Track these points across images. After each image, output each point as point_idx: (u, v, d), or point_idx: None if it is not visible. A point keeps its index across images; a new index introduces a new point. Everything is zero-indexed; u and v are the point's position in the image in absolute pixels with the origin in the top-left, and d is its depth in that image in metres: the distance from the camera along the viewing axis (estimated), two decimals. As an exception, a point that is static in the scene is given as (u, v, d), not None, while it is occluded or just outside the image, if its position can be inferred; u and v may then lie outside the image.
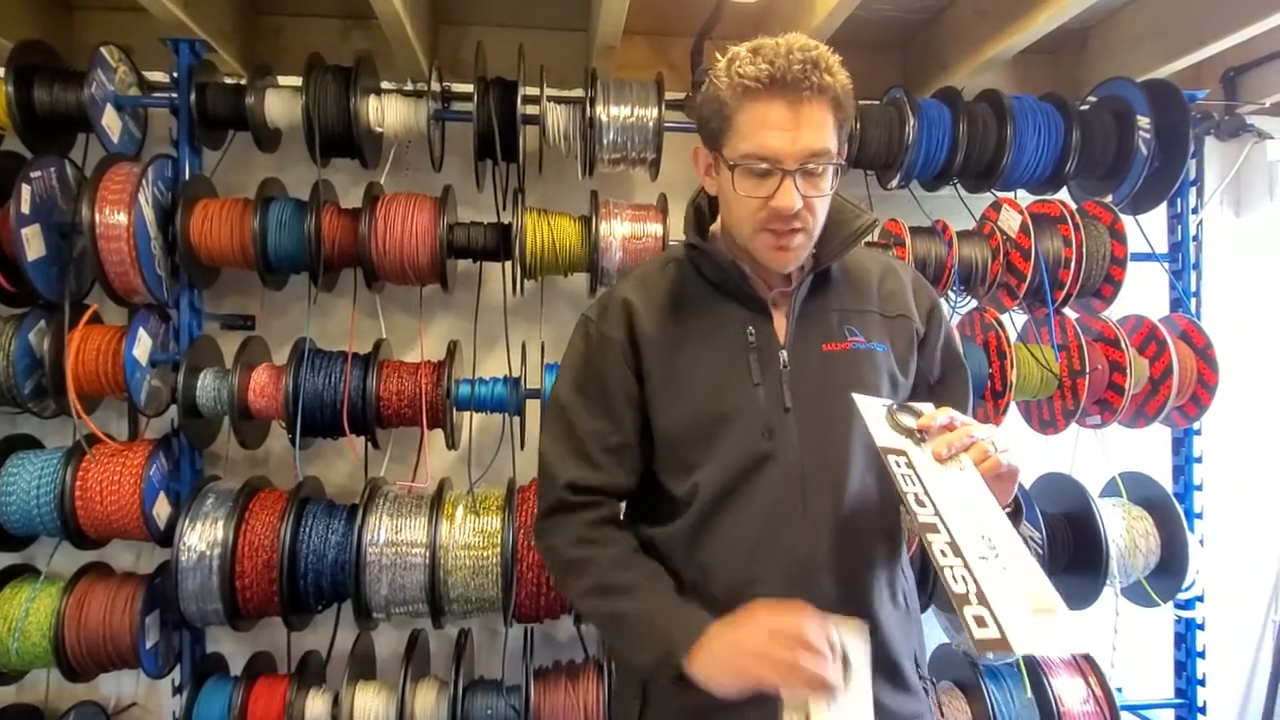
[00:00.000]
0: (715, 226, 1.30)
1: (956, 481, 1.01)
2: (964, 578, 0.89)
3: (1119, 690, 2.24)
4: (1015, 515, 1.14)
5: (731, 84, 1.11)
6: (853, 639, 1.05)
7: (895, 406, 1.09)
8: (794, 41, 1.09)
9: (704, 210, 1.32)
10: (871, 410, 1.08)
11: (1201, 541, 2.36)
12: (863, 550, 1.20)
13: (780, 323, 1.23)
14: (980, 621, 0.85)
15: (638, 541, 1.25)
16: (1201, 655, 2.38)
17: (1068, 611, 0.89)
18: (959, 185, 2.30)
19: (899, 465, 1.01)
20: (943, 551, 0.92)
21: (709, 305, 1.24)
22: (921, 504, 0.97)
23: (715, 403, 1.19)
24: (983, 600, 0.86)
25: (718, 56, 1.17)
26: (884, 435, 1.05)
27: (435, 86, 2.08)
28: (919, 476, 1.00)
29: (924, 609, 2.13)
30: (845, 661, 1.02)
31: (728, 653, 1.05)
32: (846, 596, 1.17)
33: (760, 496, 1.17)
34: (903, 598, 1.25)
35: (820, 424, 1.19)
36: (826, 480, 1.18)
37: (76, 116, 1.99)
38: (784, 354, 1.20)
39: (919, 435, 1.06)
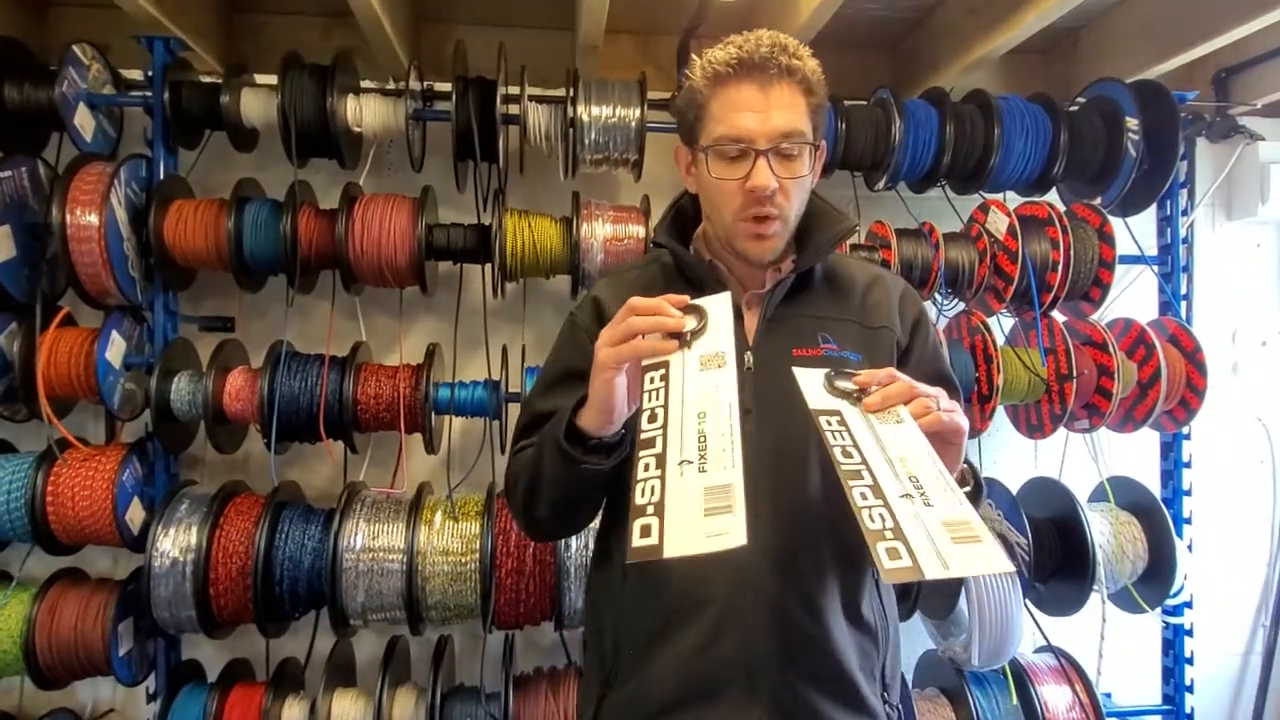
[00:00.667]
0: (700, 229, 1.29)
1: (890, 433, 0.98)
2: (881, 515, 0.86)
3: (1106, 696, 2.23)
4: (973, 495, 1.13)
5: (704, 74, 1.15)
6: (709, 300, 1.06)
7: (833, 373, 1.06)
8: (764, 32, 1.13)
9: (686, 211, 1.31)
10: (809, 380, 1.06)
11: (1190, 547, 2.34)
12: (815, 561, 1.17)
13: (751, 323, 1.21)
14: (893, 553, 0.82)
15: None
16: (1189, 661, 2.36)
17: (996, 544, 0.85)
18: (946, 187, 2.27)
19: (829, 424, 0.99)
20: (863, 494, 0.89)
21: None
22: (848, 455, 0.94)
23: None
24: (899, 534, 0.83)
25: (694, 58, 1.18)
26: (819, 399, 1.03)
27: (415, 85, 2.05)
28: (850, 431, 0.98)
29: (908, 616, 2.11)
30: (701, 317, 1.03)
31: (593, 384, 1.07)
32: (794, 605, 1.15)
33: None
34: (871, 616, 1.20)
35: (779, 429, 1.16)
36: (780, 485, 1.16)
37: (49, 115, 1.96)
38: (749, 355, 1.18)
39: (855, 395, 1.03)
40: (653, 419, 0.94)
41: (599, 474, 1.11)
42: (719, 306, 1.04)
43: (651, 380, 0.99)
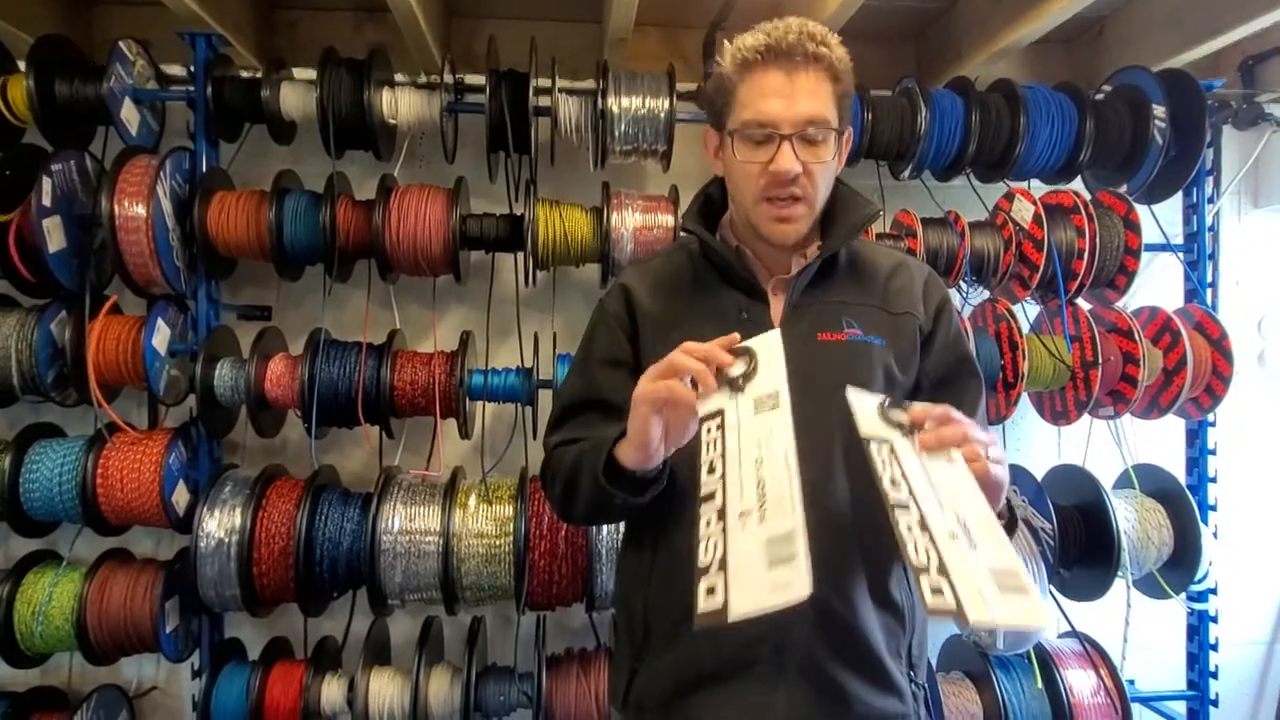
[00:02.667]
0: (727, 216, 1.32)
1: (941, 470, 0.98)
2: (927, 550, 0.85)
3: (1131, 682, 2.24)
4: (1008, 527, 1.13)
5: (733, 60, 1.17)
6: (758, 340, 1.06)
7: (889, 402, 1.07)
8: (793, 20, 1.16)
9: (714, 199, 1.34)
10: (864, 404, 1.06)
11: (1215, 534, 2.35)
12: (843, 542, 1.19)
13: (777, 309, 1.24)
14: (936, 590, 0.80)
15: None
16: (1214, 648, 2.37)
17: (1041, 597, 0.85)
18: (971, 176, 2.29)
19: (879, 451, 0.99)
20: (909, 528, 0.88)
21: (709, 289, 1.27)
22: (895, 484, 0.94)
23: None
24: (943, 572, 0.82)
25: (725, 44, 1.21)
26: (871, 426, 1.03)
27: (448, 79, 2.10)
28: (899, 461, 0.97)
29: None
30: (751, 359, 1.03)
31: (630, 419, 1.08)
32: (824, 585, 1.14)
33: None
34: (899, 596, 1.23)
35: (806, 412, 1.15)
36: (807, 470, 1.15)
37: (96, 110, 2.02)
38: None
39: (909, 428, 1.03)
40: (711, 470, 0.94)
41: (635, 505, 1.14)
42: (770, 345, 1.04)
43: (708, 430, 0.99)
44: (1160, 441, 2.44)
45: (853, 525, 1.20)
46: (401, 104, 2.10)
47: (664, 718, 1.23)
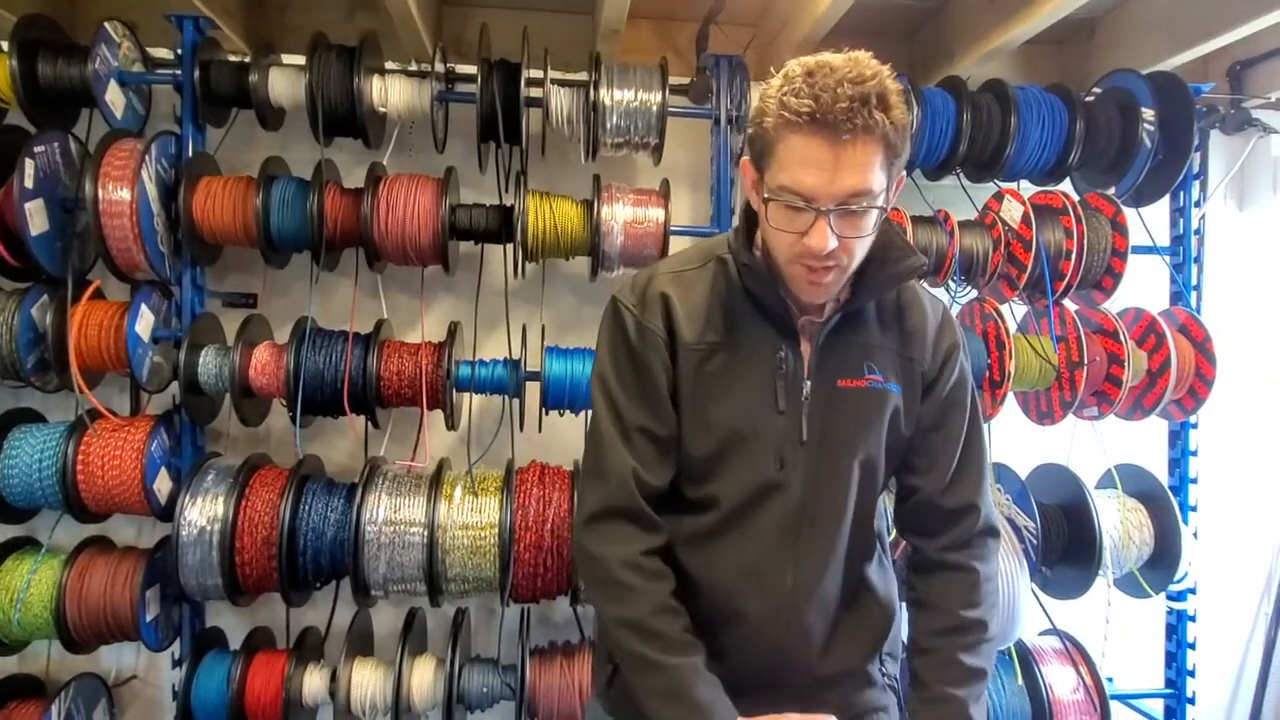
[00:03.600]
0: (760, 236, 1.24)
1: None
2: None
3: (1109, 680, 2.26)
4: None
5: (776, 112, 1.04)
6: None
7: None
8: (849, 72, 1.01)
9: (753, 217, 1.25)
10: None
11: (1195, 534, 2.37)
12: (844, 578, 1.25)
13: (807, 351, 1.21)
14: None
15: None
16: (1192, 646, 2.40)
17: None
18: (961, 175, 2.29)
19: None
20: None
21: (744, 319, 1.21)
22: None
23: (737, 423, 1.19)
24: None
25: (772, 70, 1.09)
26: None
27: (439, 67, 2.08)
28: None
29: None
30: None
31: None
32: (823, 621, 1.24)
33: (764, 525, 1.20)
34: (884, 602, 1.30)
35: (827, 460, 1.20)
36: (824, 517, 1.21)
37: (80, 91, 1.99)
38: (807, 384, 1.19)
39: None
40: None
41: None
42: None
43: None
44: (1143, 442, 2.46)
45: (849, 561, 1.25)
46: (392, 92, 2.08)
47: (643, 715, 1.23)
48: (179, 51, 2.05)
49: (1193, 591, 2.38)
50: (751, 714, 1.17)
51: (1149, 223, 2.34)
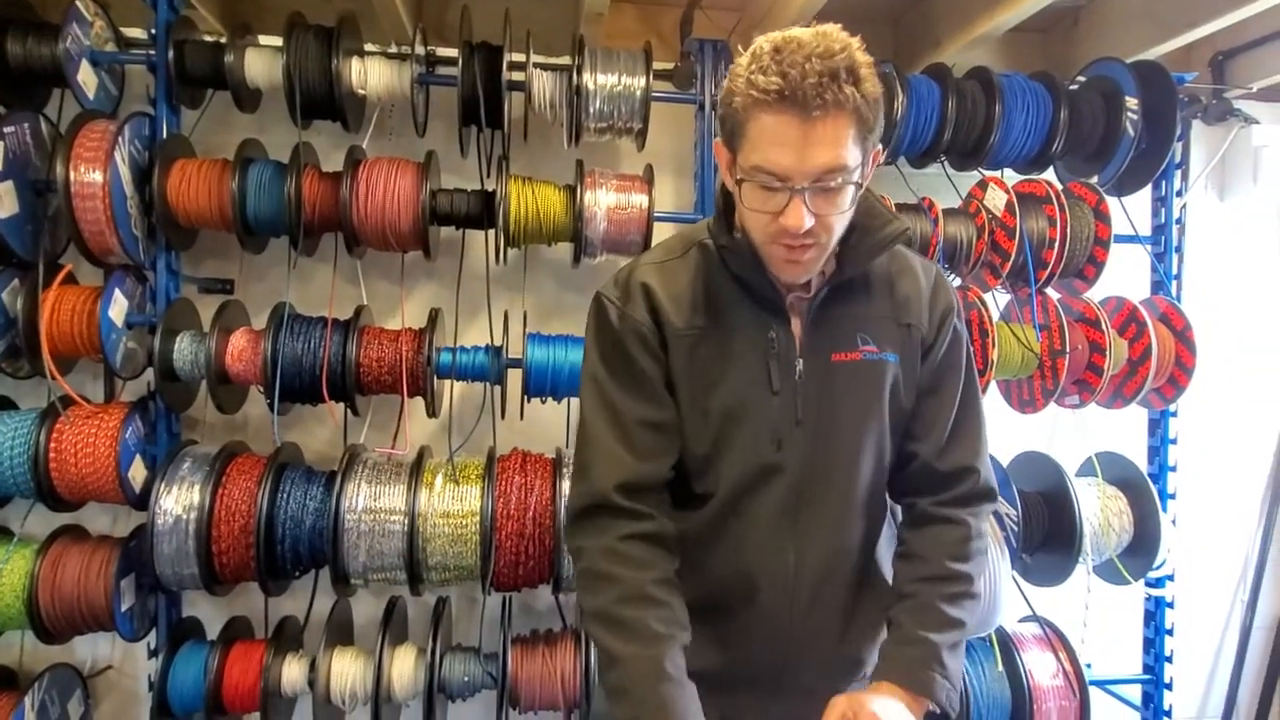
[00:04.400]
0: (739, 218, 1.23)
1: None
2: None
3: (1088, 666, 2.28)
4: None
5: (745, 91, 1.02)
6: None
7: None
8: (817, 46, 0.99)
9: (733, 197, 1.22)
10: None
11: (1174, 521, 2.39)
12: (849, 565, 1.24)
13: (797, 328, 1.19)
14: None
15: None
16: (1170, 633, 2.42)
17: None
18: (946, 163, 2.29)
19: None
20: None
21: (731, 302, 1.19)
22: None
23: (732, 407, 1.17)
24: None
25: (740, 49, 1.07)
26: None
27: (419, 50, 2.05)
28: None
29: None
30: None
31: None
32: (829, 610, 1.23)
33: (763, 508, 1.19)
34: (885, 590, 1.28)
35: (825, 438, 1.18)
36: (824, 497, 1.20)
37: (51, 71, 1.95)
38: (800, 362, 1.18)
39: None
40: None
41: None
42: None
43: None
44: (1123, 431, 2.47)
45: (859, 548, 1.24)
46: (371, 74, 2.05)
47: None
48: (153, 31, 2.01)
49: (1171, 578, 2.41)
50: (765, 706, 1.18)
51: (1131, 212, 2.35)
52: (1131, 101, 2.19)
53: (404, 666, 2.00)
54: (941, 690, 1.14)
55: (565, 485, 1.97)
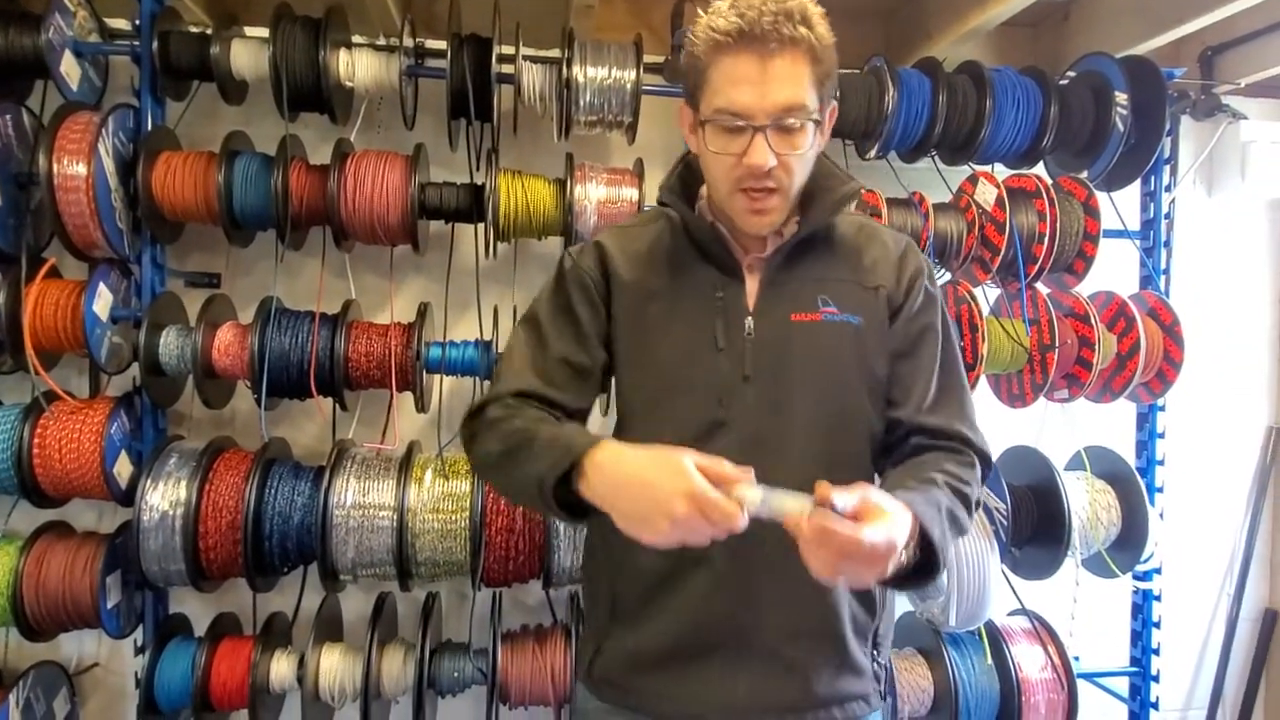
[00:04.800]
0: (704, 188, 1.28)
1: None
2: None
3: (1076, 659, 2.29)
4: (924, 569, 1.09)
5: (705, 39, 1.09)
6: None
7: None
8: None
9: (693, 169, 1.28)
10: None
11: (1161, 515, 2.41)
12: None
13: (752, 288, 1.21)
14: None
15: None
16: (1157, 625, 2.43)
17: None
18: (937, 157, 2.29)
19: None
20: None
21: (686, 264, 1.23)
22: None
23: (675, 363, 1.19)
24: None
25: (700, 13, 1.14)
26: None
27: (408, 42, 2.03)
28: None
29: (889, 577, 2.16)
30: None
31: (633, 483, 1.00)
32: (792, 567, 1.14)
33: None
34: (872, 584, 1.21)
35: (779, 394, 1.17)
36: (779, 452, 1.16)
37: (33, 62, 1.91)
38: (749, 320, 1.19)
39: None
40: None
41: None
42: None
43: None
44: (1110, 425, 2.48)
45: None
46: (359, 66, 2.03)
47: (626, 693, 1.23)
48: (137, 22, 1.98)
49: (1158, 571, 2.42)
50: (733, 673, 1.15)
51: (1120, 207, 2.36)
52: (1121, 97, 2.19)
53: (393, 663, 1.99)
54: (935, 526, 1.04)
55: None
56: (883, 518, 0.96)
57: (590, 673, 1.27)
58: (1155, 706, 2.43)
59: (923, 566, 1.07)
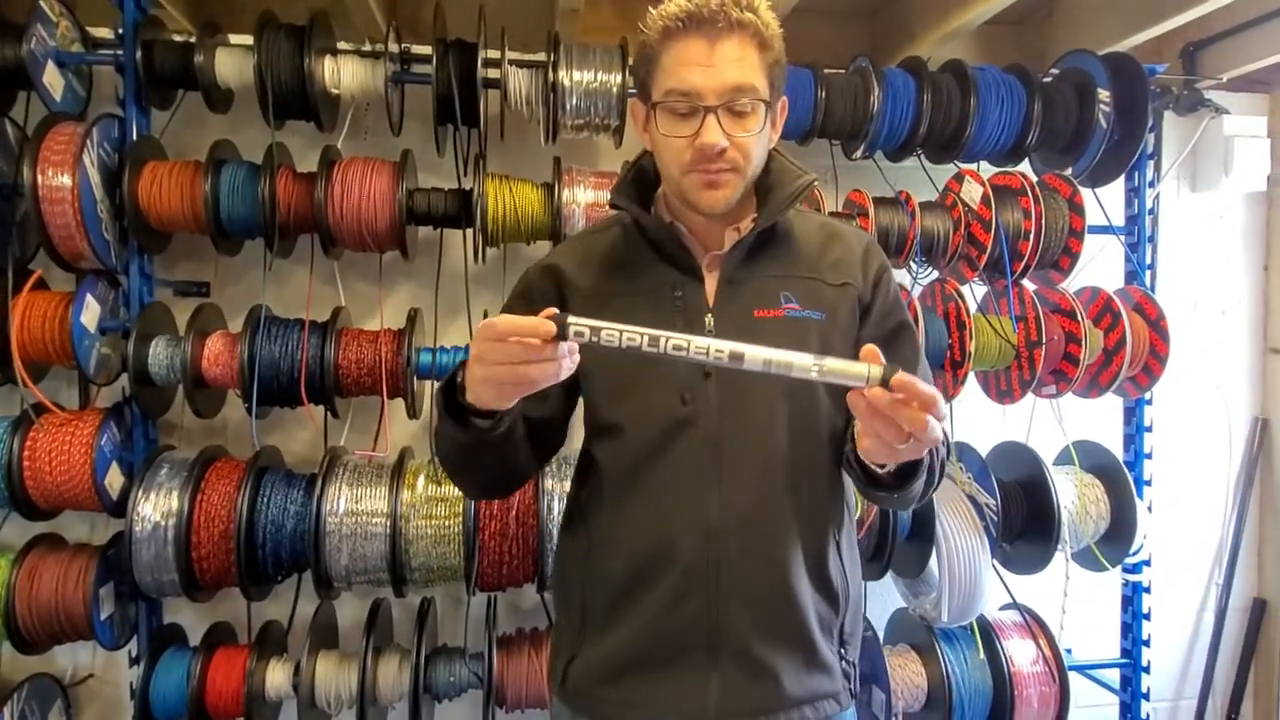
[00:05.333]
0: (661, 190, 1.27)
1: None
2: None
3: (1068, 651, 2.31)
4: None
5: (655, 28, 1.12)
6: None
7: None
8: None
9: (647, 172, 1.28)
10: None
11: (1150, 508, 2.43)
12: (782, 523, 1.18)
13: (711, 286, 1.21)
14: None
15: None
16: (1147, 617, 2.46)
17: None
18: (922, 156, 2.30)
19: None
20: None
21: (643, 266, 1.23)
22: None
23: (637, 366, 1.14)
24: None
25: (649, 10, 1.15)
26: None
27: (393, 48, 2.03)
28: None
29: (880, 576, 2.18)
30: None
31: (471, 358, 1.01)
32: (759, 567, 1.17)
33: (677, 462, 1.16)
34: (834, 576, 1.22)
35: (742, 392, 1.17)
36: (744, 449, 1.17)
37: (16, 73, 1.91)
38: (709, 318, 1.18)
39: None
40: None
41: (480, 440, 1.07)
42: None
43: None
44: (1098, 419, 2.50)
45: (794, 509, 1.19)
46: (344, 73, 2.03)
47: (598, 701, 1.22)
48: (120, 31, 1.98)
49: (1147, 564, 2.44)
50: (704, 676, 1.15)
51: (1105, 203, 2.37)
52: (1104, 93, 2.21)
53: (389, 669, 2.00)
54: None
55: (548, 483, 1.97)
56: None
57: (564, 685, 1.26)
58: (1146, 697, 2.46)
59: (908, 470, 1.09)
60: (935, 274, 2.31)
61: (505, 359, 0.95)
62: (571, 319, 0.95)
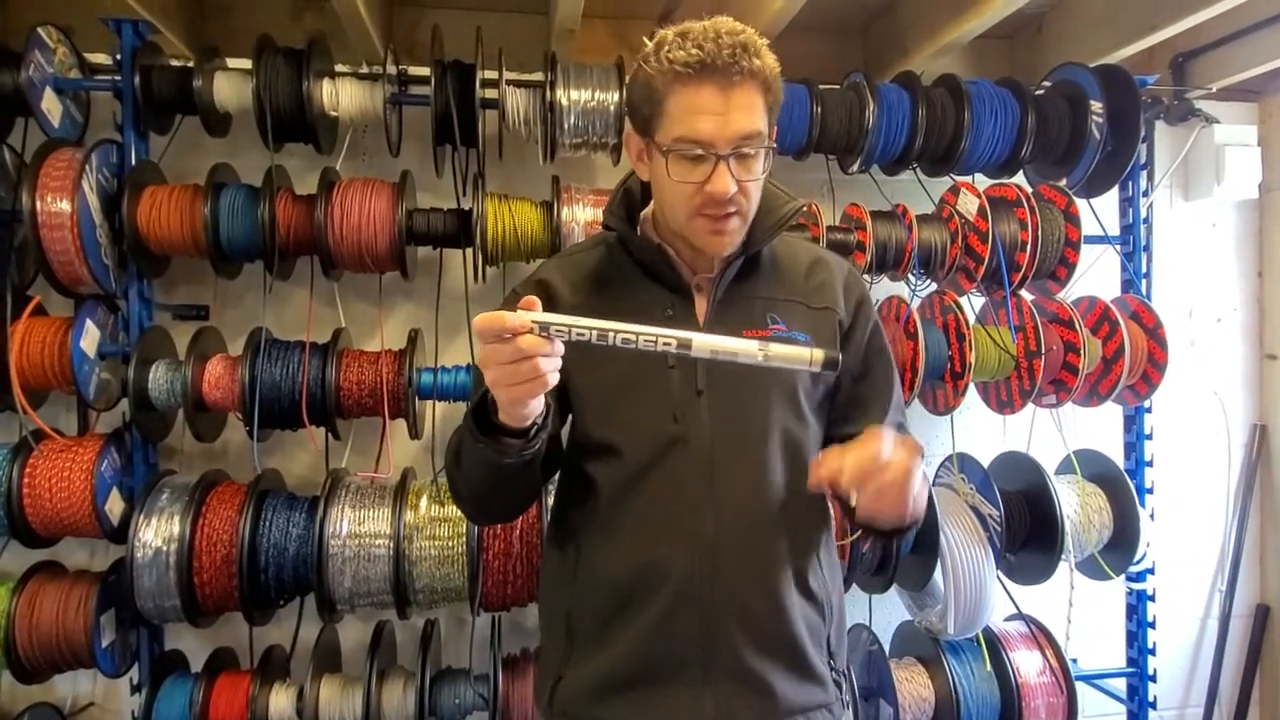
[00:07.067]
0: (647, 211, 1.29)
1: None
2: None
3: (1074, 661, 2.31)
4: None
5: (662, 69, 1.10)
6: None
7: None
8: (722, 25, 1.10)
9: (634, 193, 1.30)
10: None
11: (1152, 516, 2.43)
12: (772, 538, 1.20)
13: (701, 306, 1.23)
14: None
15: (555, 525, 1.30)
16: (1152, 625, 2.46)
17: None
18: (918, 169, 2.32)
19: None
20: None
21: (633, 286, 1.24)
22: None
23: (626, 382, 1.19)
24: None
25: (645, 41, 1.15)
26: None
27: (391, 69, 2.04)
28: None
29: (885, 589, 2.18)
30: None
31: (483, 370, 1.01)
32: (750, 582, 1.19)
33: (670, 479, 1.18)
34: (818, 588, 1.24)
35: (733, 409, 1.19)
36: (737, 465, 1.19)
37: (14, 100, 1.92)
38: None
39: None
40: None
41: (514, 461, 1.07)
42: None
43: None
44: (1099, 428, 2.51)
45: (784, 523, 1.21)
46: (343, 95, 2.04)
47: None
48: (118, 57, 1.98)
49: (1151, 572, 2.44)
50: (697, 693, 1.15)
51: (1099, 213, 2.39)
52: (1096, 105, 2.22)
53: (393, 692, 1.98)
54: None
55: (550, 501, 1.96)
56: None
57: (551, 705, 1.25)
58: (1154, 706, 2.45)
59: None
60: (933, 286, 2.32)
61: (507, 358, 0.96)
62: (521, 311, 0.96)
